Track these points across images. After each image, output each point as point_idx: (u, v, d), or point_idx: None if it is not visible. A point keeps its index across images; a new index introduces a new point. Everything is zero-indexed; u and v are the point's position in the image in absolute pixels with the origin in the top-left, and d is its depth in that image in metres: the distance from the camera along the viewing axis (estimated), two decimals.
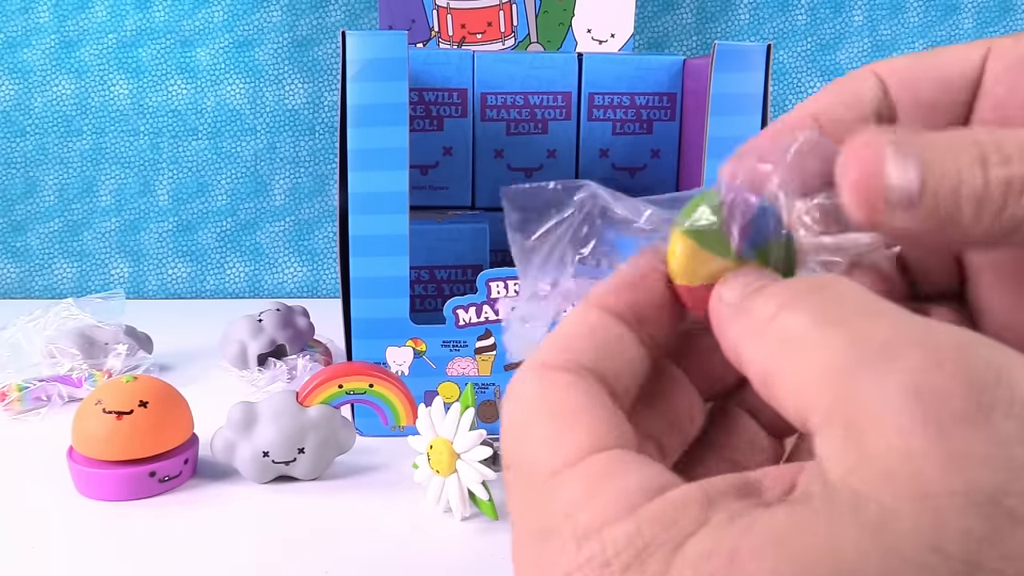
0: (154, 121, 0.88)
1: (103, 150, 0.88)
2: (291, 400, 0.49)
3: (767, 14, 0.89)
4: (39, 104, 0.86)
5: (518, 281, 0.53)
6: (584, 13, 0.77)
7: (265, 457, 0.48)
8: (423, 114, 0.64)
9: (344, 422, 0.50)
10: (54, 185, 0.88)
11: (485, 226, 0.60)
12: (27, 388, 0.59)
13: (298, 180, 0.90)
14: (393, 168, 0.52)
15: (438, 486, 0.45)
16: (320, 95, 0.88)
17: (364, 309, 0.54)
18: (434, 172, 0.66)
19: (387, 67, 0.50)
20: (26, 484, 0.49)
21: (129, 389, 0.48)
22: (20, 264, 0.89)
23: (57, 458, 0.50)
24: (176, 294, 0.91)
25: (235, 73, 0.87)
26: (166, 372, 0.68)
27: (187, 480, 0.49)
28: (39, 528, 0.45)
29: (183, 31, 0.86)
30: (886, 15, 0.90)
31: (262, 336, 0.65)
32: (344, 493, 0.49)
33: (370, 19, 0.87)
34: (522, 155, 0.66)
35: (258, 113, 0.88)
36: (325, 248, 0.92)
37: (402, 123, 0.51)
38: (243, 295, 0.92)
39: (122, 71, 0.86)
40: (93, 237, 0.89)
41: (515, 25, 0.77)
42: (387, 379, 0.51)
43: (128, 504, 0.47)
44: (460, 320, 0.54)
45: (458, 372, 0.55)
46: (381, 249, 0.53)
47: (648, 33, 0.89)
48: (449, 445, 0.44)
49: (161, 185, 0.89)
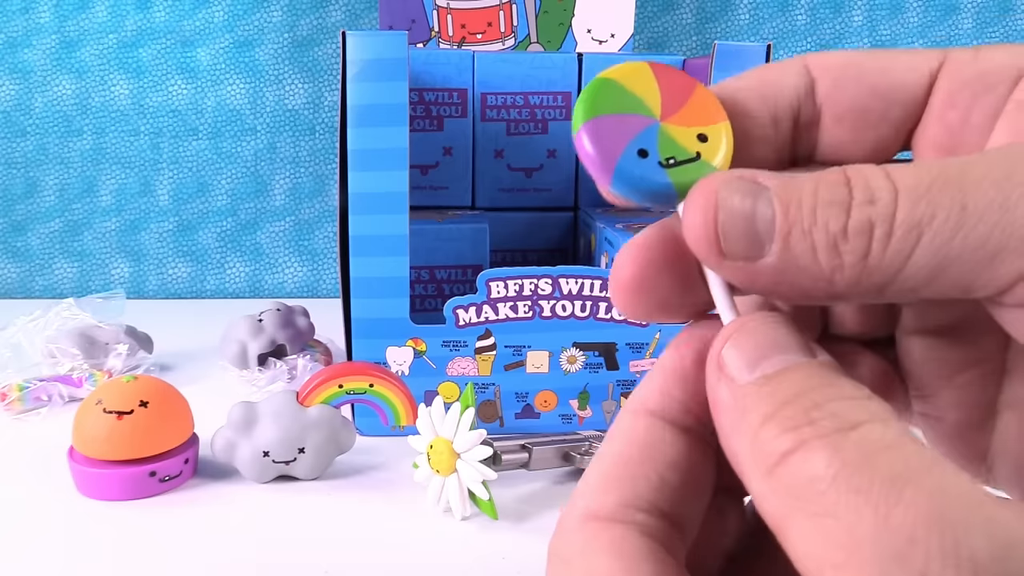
0: (154, 121, 0.88)
1: (103, 150, 0.88)
2: (291, 400, 0.49)
3: (767, 14, 0.89)
4: (40, 104, 0.86)
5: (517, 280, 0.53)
6: (584, 13, 0.77)
7: (265, 457, 0.48)
8: (423, 114, 0.64)
9: (344, 422, 0.50)
10: (54, 185, 0.88)
11: (485, 226, 0.60)
12: (27, 388, 0.59)
13: (298, 180, 0.90)
14: (393, 168, 0.52)
15: (438, 486, 0.45)
16: (320, 95, 0.88)
17: (364, 309, 0.54)
18: (434, 172, 0.66)
19: (387, 67, 0.51)
20: (26, 484, 0.49)
21: (129, 389, 0.48)
22: (20, 264, 0.89)
23: (57, 458, 0.50)
24: (176, 294, 0.91)
25: (235, 73, 0.87)
26: (166, 372, 0.68)
27: (187, 480, 0.49)
28: (39, 528, 0.45)
29: (183, 31, 0.86)
30: (886, 15, 0.90)
31: (262, 336, 0.65)
32: (344, 493, 0.49)
33: (370, 19, 0.87)
34: (522, 155, 0.66)
35: (258, 113, 0.88)
36: (325, 248, 0.92)
37: (402, 123, 0.51)
38: (243, 295, 0.92)
39: (123, 71, 0.87)
40: (93, 237, 0.89)
41: (515, 25, 0.77)
42: (387, 379, 0.51)
43: (128, 504, 0.47)
44: (460, 320, 0.54)
45: (458, 372, 0.55)
46: (381, 249, 0.53)
47: (648, 33, 0.89)
48: (449, 445, 0.44)
49: (161, 185, 0.89)
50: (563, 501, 0.48)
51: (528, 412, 0.57)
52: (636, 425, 0.17)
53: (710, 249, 0.16)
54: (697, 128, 0.18)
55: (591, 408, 0.57)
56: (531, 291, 0.54)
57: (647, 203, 0.18)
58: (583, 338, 0.55)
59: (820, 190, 0.15)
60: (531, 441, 0.49)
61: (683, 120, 0.18)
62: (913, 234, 0.14)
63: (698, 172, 0.17)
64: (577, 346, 0.55)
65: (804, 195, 0.15)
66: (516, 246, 0.68)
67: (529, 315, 0.54)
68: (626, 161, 0.17)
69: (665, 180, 0.17)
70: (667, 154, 0.17)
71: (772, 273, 0.15)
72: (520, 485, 0.49)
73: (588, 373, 0.56)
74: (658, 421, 0.17)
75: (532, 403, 0.56)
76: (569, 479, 0.51)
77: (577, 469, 0.50)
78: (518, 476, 0.50)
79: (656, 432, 0.17)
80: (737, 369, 0.15)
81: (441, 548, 0.43)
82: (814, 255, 0.15)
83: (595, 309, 0.55)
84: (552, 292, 0.54)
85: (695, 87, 0.18)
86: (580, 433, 0.53)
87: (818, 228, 0.15)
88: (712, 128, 0.18)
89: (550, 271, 0.54)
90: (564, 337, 0.55)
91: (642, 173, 0.17)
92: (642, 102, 0.18)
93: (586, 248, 0.65)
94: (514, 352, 0.55)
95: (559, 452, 0.49)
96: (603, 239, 0.60)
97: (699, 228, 0.16)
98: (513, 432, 0.55)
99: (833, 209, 0.15)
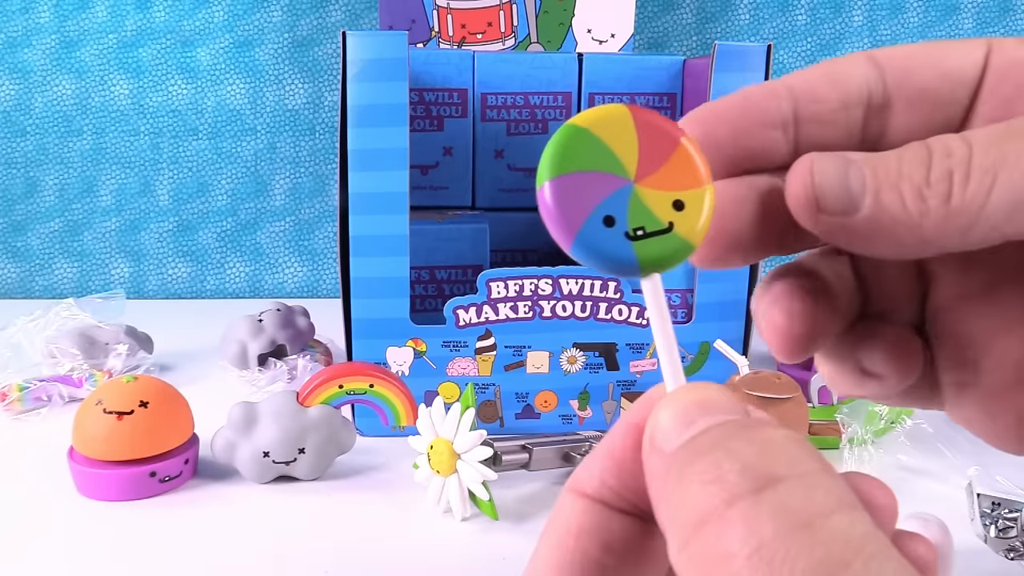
0: (154, 121, 0.88)
1: (103, 150, 0.88)
2: (291, 400, 0.49)
3: (767, 14, 0.89)
4: (40, 104, 0.86)
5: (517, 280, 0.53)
6: (584, 13, 0.77)
7: (265, 457, 0.48)
8: (423, 114, 0.64)
9: (344, 422, 0.50)
10: (54, 185, 0.88)
11: (485, 226, 0.60)
12: (28, 388, 0.59)
13: (298, 180, 0.90)
14: (393, 168, 0.52)
15: (438, 486, 0.45)
16: (320, 95, 0.88)
17: (364, 309, 0.54)
18: (434, 172, 0.66)
19: (387, 67, 0.51)
20: (26, 484, 0.49)
21: (129, 389, 0.48)
22: (20, 264, 0.89)
23: (57, 458, 0.50)
24: (176, 294, 0.91)
25: (235, 73, 0.87)
26: (166, 372, 0.68)
27: (187, 480, 0.49)
28: (39, 528, 0.45)
29: (183, 31, 0.86)
30: (886, 15, 0.90)
31: (262, 336, 0.65)
32: (344, 493, 0.49)
33: (370, 19, 0.87)
34: (522, 155, 0.66)
35: (258, 113, 0.88)
36: (325, 248, 0.92)
37: (402, 123, 0.51)
38: (243, 295, 0.92)
39: (122, 71, 0.87)
40: (93, 237, 0.89)
41: (515, 25, 0.77)
42: (387, 379, 0.51)
43: (128, 504, 0.47)
44: (460, 320, 0.54)
45: (458, 372, 0.55)
46: (381, 249, 0.53)
47: (648, 33, 0.89)
48: (449, 445, 0.44)
49: (161, 185, 0.89)
50: None
51: (528, 412, 0.57)
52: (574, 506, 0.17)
53: (809, 207, 0.17)
54: (674, 194, 0.16)
55: (591, 408, 0.57)
56: (531, 291, 0.54)
57: (606, 273, 0.17)
58: (583, 338, 0.55)
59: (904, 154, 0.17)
60: (531, 441, 0.49)
61: (659, 183, 0.16)
62: (989, 176, 0.16)
63: (667, 246, 0.16)
64: (577, 346, 0.55)
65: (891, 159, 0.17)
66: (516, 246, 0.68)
67: (529, 315, 0.54)
68: (589, 228, 0.16)
69: (629, 254, 0.16)
70: (636, 223, 0.16)
71: (867, 225, 0.17)
72: (520, 485, 0.49)
73: (588, 373, 0.56)
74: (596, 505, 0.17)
75: (532, 403, 0.56)
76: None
77: None
78: (518, 476, 0.50)
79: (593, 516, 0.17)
80: (665, 439, 0.15)
81: (441, 549, 0.43)
82: (903, 204, 0.17)
83: (595, 309, 0.55)
84: (552, 292, 0.54)
85: (679, 142, 0.17)
86: (580, 433, 0.53)
87: (904, 180, 0.17)
88: (691, 194, 0.16)
89: (550, 271, 0.54)
90: (564, 337, 0.55)
91: (605, 244, 0.16)
92: (616, 159, 0.16)
93: None
94: (514, 352, 0.55)
95: (559, 452, 0.49)
96: None
97: (799, 190, 0.17)
98: (513, 432, 0.55)
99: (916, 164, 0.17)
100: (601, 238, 0.16)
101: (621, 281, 0.54)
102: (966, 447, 0.50)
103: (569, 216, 0.16)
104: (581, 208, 0.16)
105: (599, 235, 0.16)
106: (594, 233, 0.16)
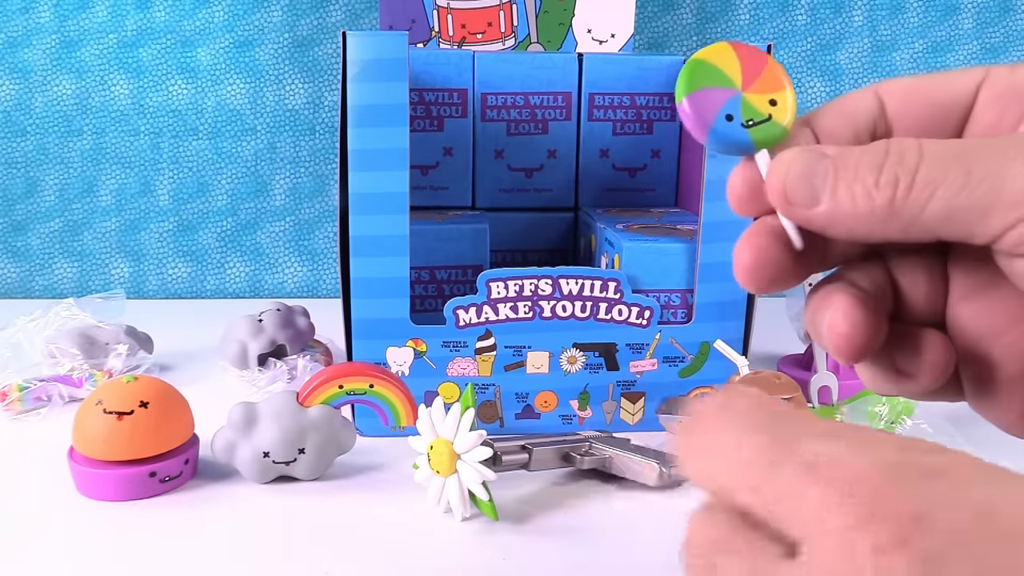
0: (154, 121, 0.88)
1: (103, 150, 0.88)
2: (291, 400, 0.49)
3: (767, 14, 0.89)
4: (40, 104, 0.86)
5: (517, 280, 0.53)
6: (584, 13, 0.77)
7: (265, 457, 0.48)
8: (423, 114, 0.64)
9: (344, 422, 0.50)
10: (54, 185, 0.88)
11: (485, 226, 0.60)
12: (28, 388, 0.59)
13: (298, 180, 0.90)
14: (393, 168, 0.52)
15: (438, 486, 0.45)
16: (320, 95, 0.88)
17: (364, 309, 0.54)
18: (434, 172, 0.66)
19: (387, 67, 0.51)
20: (26, 484, 0.49)
21: (129, 389, 0.48)
22: (20, 264, 0.89)
23: (57, 458, 0.50)
24: (176, 294, 0.91)
25: (235, 73, 0.87)
26: (166, 372, 0.68)
27: (187, 480, 0.49)
28: (39, 528, 0.45)
29: (183, 31, 0.86)
30: (886, 15, 0.90)
31: (262, 336, 0.65)
32: (344, 493, 0.49)
33: (370, 19, 0.87)
34: (522, 155, 0.66)
35: (258, 113, 0.88)
36: (325, 248, 0.92)
37: (402, 123, 0.51)
38: (243, 295, 0.92)
39: (123, 71, 0.87)
40: (93, 237, 0.89)
41: (515, 25, 0.77)
42: (387, 379, 0.51)
43: (128, 504, 0.47)
44: (460, 320, 0.54)
45: (458, 372, 0.55)
46: (381, 249, 0.53)
47: (648, 33, 0.89)
48: (449, 446, 0.44)
49: (161, 185, 0.89)
50: (563, 501, 0.48)
51: (528, 412, 0.57)
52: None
53: (780, 199, 0.22)
54: (769, 95, 0.24)
55: (591, 408, 0.57)
56: (531, 291, 0.54)
57: (733, 154, 0.24)
58: (583, 338, 0.55)
59: (865, 154, 0.21)
60: (531, 442, 0.49)
61: (759, 88, 0.24)
62: (928, 189, 0.20)
63: (770, 130, 0.23)
64: (577, 346, 0.55)
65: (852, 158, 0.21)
66: (516, 246, 0.68)
67: (529, 315, 0.54)
68: (718, 124, 0.23)
69: (745, 137, 0.23)
70: (747, 117, 0.23)
71: (825, 217, 0.21)
72: (520, 486, 0.49)
73: (588, 374, 0.56)
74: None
75: (532, 403, 0.56)
76: (569, 479, 0.51)
77: (577, 470, 0.50)
78: (518, 477, 0.50)
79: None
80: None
81: (441, 549, 0.43)
82: (854, 201, 0.20)
83: (595, 310, 0.55)
84: (552, 292, 0.54)
85: (767, 61, 0.24)
86: (580, 433, 0.53)
87: (858, 181, 0.20)
88: (780, 94, 0.24)
89: (550, 271, 0.54)
90: (564, 337, 0.55)
91: (729, 133, 0.23)
92: (727, 77, 0.24)
93: (586, 248, 0.65)
94: (514, 353, 0.55)
95: (559, 453, 0.49)
96: (603, 239, 0.60)
97: (774, 184, 0.22)
98: (513, 432, 0.55)
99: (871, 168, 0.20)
100: (726, 130, 0.23)
101: (621, 281, 0.54)
102: (966, 447, 0.50)
103: (703, 118, 0.23)
104: (710, 111, 0.23)
105: (725, 128, 0.23)
106: (721, 127, 0.23)
